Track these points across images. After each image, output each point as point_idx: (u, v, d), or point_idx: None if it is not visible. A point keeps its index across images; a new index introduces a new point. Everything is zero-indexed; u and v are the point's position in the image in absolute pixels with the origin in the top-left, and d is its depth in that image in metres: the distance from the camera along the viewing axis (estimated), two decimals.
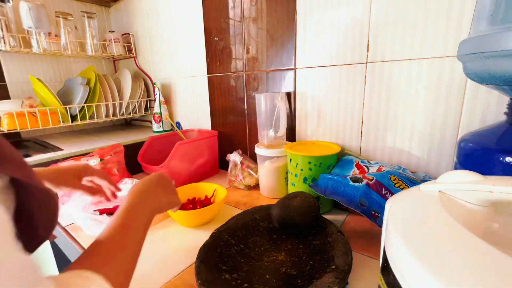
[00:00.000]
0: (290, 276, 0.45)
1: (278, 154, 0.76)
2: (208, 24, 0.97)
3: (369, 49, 0.65)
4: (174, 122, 1.23)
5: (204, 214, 0.65)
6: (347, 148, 0.74)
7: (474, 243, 0.20)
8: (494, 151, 0.37)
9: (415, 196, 0.29)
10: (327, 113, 0.75)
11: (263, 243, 0.55)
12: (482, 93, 0.53)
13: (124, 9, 1.32)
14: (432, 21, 0.56)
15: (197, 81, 1.08)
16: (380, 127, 0.67)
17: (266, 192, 0.82)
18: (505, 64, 0.32)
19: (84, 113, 1.10)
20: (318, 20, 0.71)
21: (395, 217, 0.27)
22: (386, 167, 0.61)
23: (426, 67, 0.58)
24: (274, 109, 0.78)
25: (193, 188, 0.76)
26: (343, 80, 0.70)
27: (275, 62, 0.83)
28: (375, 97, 0.66)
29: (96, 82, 1.10)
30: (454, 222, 0.23)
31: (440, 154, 0.60)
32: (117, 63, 1.47)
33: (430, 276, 0.19)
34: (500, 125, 0.41)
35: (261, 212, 0.62)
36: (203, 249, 0.49)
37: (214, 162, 1.02)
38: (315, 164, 0.66)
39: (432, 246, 0.21)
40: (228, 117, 1.01)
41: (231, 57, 0.94)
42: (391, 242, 0.25)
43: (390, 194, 0.54)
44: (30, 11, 0.95)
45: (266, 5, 0.80)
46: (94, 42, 1.18)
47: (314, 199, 0.57)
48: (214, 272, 0.44)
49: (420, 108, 0.61)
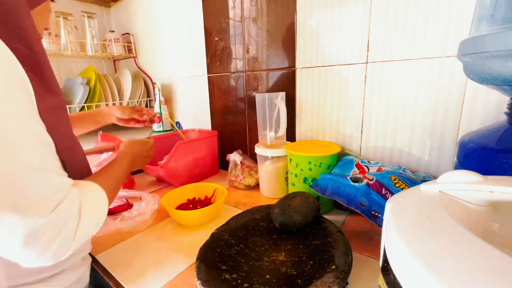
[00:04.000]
0: (290, 276, 0.45)
1: (278, 154, 0.76)
2: (208, 24, 0.97)
3: (369, 49, 0.65)
4: (174, 122, 1.23)
5: (204, 214, 0.65)
6: (347, 148, 0.74)
7: (474, 243, 0.20)
8: (495, 151, 0.37)
9: (415, 196, 0.29)
10: (327, 113, 0.75)
11: (263, 243, 0.55)
12: (482, 93, 0.53)
13: (124, 9, 1.32)
14: (432, 21, 0.56)
15: (197, 81, 1.08)
16: (380, 127, 0.67)
17: (266, 192, 0.82)
18: (505, 64, 0.32)
19: None
20: (318, 20, 0.71)
21: (395, 217, 0.27)
22: (386, 167, 0.61)
23: (426, 67, 0.58)
24: (274, 109, 0.78)
25: (193, 188, 0.76)
26: (343, 80, 0.70)
27: (275, 62, 0.83)
28: (375, 97, 0.66)
29: (96, 82, 1.10)
30: (454, 222, 0.23)
31: (440, 154, 0.60)
32: (117, 63, 1.47)
33: (430, 276, 0.19)
34: (500, 125, 0.41)
35: (261, 212, 0.62)
36: (203, 249, 0.49)
37: (214, 162, 1.02)
38: (315, 164, 0.66)
39: (432, 246, 0.21)
40: (228, 117, 1.01)
41: (231, 57, 0.94)
42: (391, 242, 0.25)
43: (390, 194, 0.54)
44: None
45: (266, 5, 0.80)
46: (94, 42, 1.18)
47: (314, 199, 0.57)
48: (214, 272, 0.44)
49: (420, 108, 0.61)
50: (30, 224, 0.29)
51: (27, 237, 0.29)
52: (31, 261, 0.31)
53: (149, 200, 0.68)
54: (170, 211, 0.64)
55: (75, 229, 0.33)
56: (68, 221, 0.33)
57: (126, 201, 0.74)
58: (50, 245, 0.31)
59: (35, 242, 0.30)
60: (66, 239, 0.32)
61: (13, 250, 0.30)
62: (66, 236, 0.32)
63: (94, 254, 0.56)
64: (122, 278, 0.49)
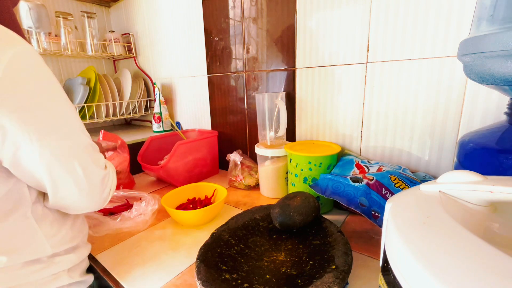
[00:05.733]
0: (290, 276, 0.45)
1: (278, 154, 0.76)
2: (208, 24, 0.97)
3: (369, 49, 0.65)
4: (174, 122, 1.23)
5: (204, 214, 0.65)
6: (347, 148, 0.74)
7: (474, 243, 0.20)
8: (495, 151, 0.37)
9: (415, 196, 0.29)
10: (327, 113, 0.75)
11: (263, 243, 0.55)
12: (482, 93, 0.53)
13: (124, 9, 1.32)
14: (432, 21, 0.56)
15: (197, 81, 1.08)
16: (380, 127, 0.67)
17: (266, 192, 0.82)
18: (505, 64, 0.32)
19: (84, 113, 1.10)
20: (318, 20, 0.71)
21: (395, 217, 0.27)
22: (386, 167, 0.61)
23: (426, 67, 0.58)
24: (274, 109, 0.78)
25: (193, 188, 0.76)
26: (343, 80, 0.70)
27: (275, 62, 0.83)
28: (375, 97, 0.66)
29: (96, 82, 1.10)
30: (454, 222, 0.23)
31: (440, 154, 0.60)
32: (117, 63, 1.47)
33: (430, 276, 0.19)
34: (500, 125, 0.41)
35: (261, 212, 0.62)
36: (203, 249, 0.49)
37: (214, 162, 1.02)
38: (315, 164, 0.66)
39: (432, 246, 0.21)
40: (228, 117, 1.01)
41: (231, 57, 0.94)
42: (392, 242, 0.25)
43: (390, 194, 0.54)
44: (30, 11, 0.95)
45: (266, 5, 0.80)
46: (94, 42, 1.18)
47: (314, 199, 0.57)
48: (214, 272, 0.44)
49: (420, 108, 0.61)
50: (103, 173, 0.44)
51: (102, 179, 0.43)
52: (94, 200, 0.43)
53: (149, 200, 0.68)
54: (170, 211, 0.64)
55: (113, 180, 0.47)
56: (111, 174, 0.46)
57: (126, 201, 0.74)
58: (109, 187, 0.45)
59: (105, 183, 0.44)
60: (113, 185, 0.47)
61: (88, 192, 0.42)
62: (112, 182, 0.46)
63: (94, 254, 0.56)
64: (122, 278, 0.49)
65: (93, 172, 0.42)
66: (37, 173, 0.37)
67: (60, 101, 0.39)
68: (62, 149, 0.38)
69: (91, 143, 0.43)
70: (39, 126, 0.36)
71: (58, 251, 0.43)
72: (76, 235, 0.47)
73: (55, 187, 0.39)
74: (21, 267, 0.40)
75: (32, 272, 0.41)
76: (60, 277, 0.44)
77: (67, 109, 0.40)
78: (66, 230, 0.45)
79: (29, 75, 0.35)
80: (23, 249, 0.39)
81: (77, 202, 0.42)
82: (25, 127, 0.34)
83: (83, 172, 0.40)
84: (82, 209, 0.44)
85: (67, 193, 0.40)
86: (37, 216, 0.41)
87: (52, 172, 0.38)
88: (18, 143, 0.34)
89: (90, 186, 0.41)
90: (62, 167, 0.38)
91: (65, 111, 0.39)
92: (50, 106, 0.37)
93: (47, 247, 0.42)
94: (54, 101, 0.38)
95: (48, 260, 0.43)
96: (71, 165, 0.39)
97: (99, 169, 0.43)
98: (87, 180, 0.40)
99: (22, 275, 0.40)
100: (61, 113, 0.39)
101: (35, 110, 0.35)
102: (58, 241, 0.43)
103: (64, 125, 0.39)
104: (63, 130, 0.39)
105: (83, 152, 0.41)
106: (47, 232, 0.42)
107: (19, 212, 0.39)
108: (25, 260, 0.40)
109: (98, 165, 0.43)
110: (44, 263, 0.42)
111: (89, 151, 0.42)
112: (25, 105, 0.34)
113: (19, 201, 0.39)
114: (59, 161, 0.38)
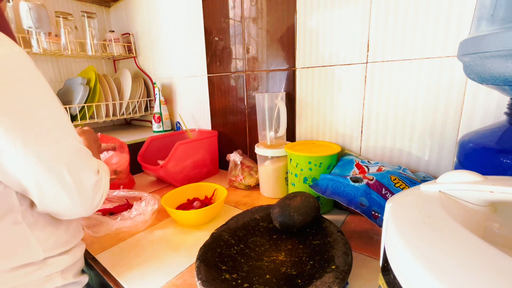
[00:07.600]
0: (290, 276, 0.45)
1: (278, 154, 0.76)
2: (208, 24, 0.97)
3: (369, 49, 0.65)
4: (175, 122, 1.23)
5: (204, 214, 0.65)
6: (347, 148, 0.74)
7: (474, 243, 0.20)
8: (495, 151, 0.37)
9: (415, 196, 0.29)
10: (327, 113, 0.75)
11: (263, 243, 0.55)
12: (482, 93, 0.53)
13: (124, 9, 1.32)
14: (432, 21, 0.56)
15: (197, 81, 1.08)
16: (380, 127, 0.67)
17: (266, 192, 0.82)
18: (505, 64, 0.32)
19: (84, 113, 1.10)
20: (318, 20, 0.71)
21: (395, 217, 0.27)
22: (386, 167, 0.61)
23: (426, 67, 0.58)
24: (274, 109, 0.78)
25: (193, 188, 0.76)
26: (343, 80, 0.70)
27: (275, 62, 0.83)
28: (375, 97, 0.66)
29: (96, 82, 1.10)
30: (454, 222, 0.23)
31: (440, 154, 0.60)
32: (117, 63, 1.47)
33: (430, 276, 0.19)
34: (500, 125, 0.41)
35: (261, 212, 0.62)
36: (203, 249, 0.49)
37: (214, 162, 1.02)
38: (315, 164, 0.66)
39: (432, 246, 0.21)
40: (228, 117, 1.01)
41: (231, 57, 0.94)
42: (392, 242, 0.25)
43: (390, 194, 0.54)
44: (30, 11, 0.95)
45: (266, 5, 0.80)
46: (94, 42, 1.18)
47: (314, 199, 0.57)
48: (214, 272, 0.44)
49: (420, 108, 0.61)
50: (95, 178, 0.42)
51: (94, 185, 0.42)
52: (85, 206, 0.42)
53: (149, 200, 0.68)
54: (170, 211, 0.64)
55: (105, 184, 0.46)
56: (103, 178, 0.45)
57: (126, 201, 0.74)
58: (101, 192, 0.44)
59: (97, 188, 0.43)
60: (105, 190, 0.45)
61: (79, 199, 0.40)
62: (105, 187, 0.45)
63: (94, 254, 0.56)
64: (122, 278, 0.49)
65: (84, 178, 0.40)
66: (23, 179, 0.36)
67: (49, 105, 0.38)
68: (50, 155, 0.37)
69: (81, 148, 0.41)
70: (24, 131, 0.34)
71: (51, 255, 0.43)
72: (70, 239, 0.46)
73: (42, 194, 0.38)
74: (11, 270, 0.39)
75: (24, 274, 0.40)
76: (53, 278, 0.43)
77: (56, 113, 0.39)
78: (60, 234, 0.44)
79: (14, 78, 0.34)
80: (15, 254, 0.39)
81: (67, 209, 0.41)
82: (10, 131, 0.33)
83: (72, 178, 0.38)
84: (73, 215, 0.43)
85: (54, 200, 0.39)
86: (28, 221, 0.40)
87: (38, 178, 0.36)
88: (1, 148, 0.33)
89: (80, 192, 0.40)
90: (49, 174, 0.37)
91: (53, 115, 0.38)
92: (37, 110, 0.36)
93: (40, 251, 0.41)
94: (42, 105, 0.37)
95: (40, 262, 0.42)
96: (59, 172, 0.37)
97: (91, 174, 0.41)
98: (76, 186, 0.39)
99: (13, 277, 0.39)
100: (49, 118, 0.37)
101: (20, 114, 0.34)
102: (51, 245, 0.42)
103: (52, 130, 0.37)
104: (51, 135, 0.37)
105: (73, 158, 0.39)
106: (39, 236, 0.41)
107: (9, 217, 0.38)
108: (17, 265, 0.39)
109: (89, 171, 0.41)
110: (36, 265, 0.41)
111: (79, 156, 0.40)
112: (10, 109, 0.33)
113: (9, 206, 0.38)
114: (46, 167, 0.36)
